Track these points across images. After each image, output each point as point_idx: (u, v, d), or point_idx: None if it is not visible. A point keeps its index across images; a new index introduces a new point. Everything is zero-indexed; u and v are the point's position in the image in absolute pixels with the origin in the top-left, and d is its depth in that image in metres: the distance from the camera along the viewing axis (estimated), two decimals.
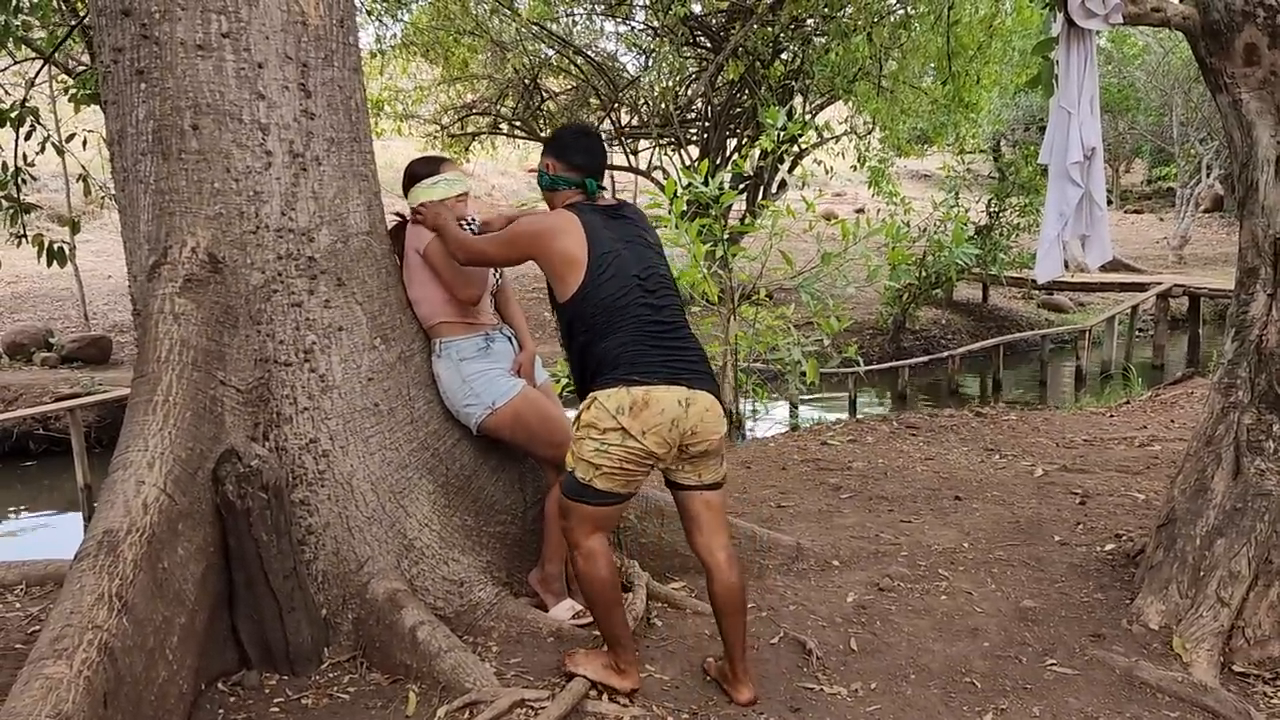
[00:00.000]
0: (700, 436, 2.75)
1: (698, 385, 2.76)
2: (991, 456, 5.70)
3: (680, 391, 2.73)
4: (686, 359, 2.80)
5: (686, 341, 2.84)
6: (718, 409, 2.81)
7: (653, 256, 2.91)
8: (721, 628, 2.86)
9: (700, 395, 2.75)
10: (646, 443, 2.70)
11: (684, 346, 2.82)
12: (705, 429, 2.75)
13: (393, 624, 2.96)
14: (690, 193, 6.66)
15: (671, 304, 2.87)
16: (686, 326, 2.89)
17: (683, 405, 2.72)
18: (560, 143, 3.02)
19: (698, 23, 13.24)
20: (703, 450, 2.79)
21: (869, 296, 13.60)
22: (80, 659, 2.16)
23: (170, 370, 2.76)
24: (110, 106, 2.98)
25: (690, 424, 2.72)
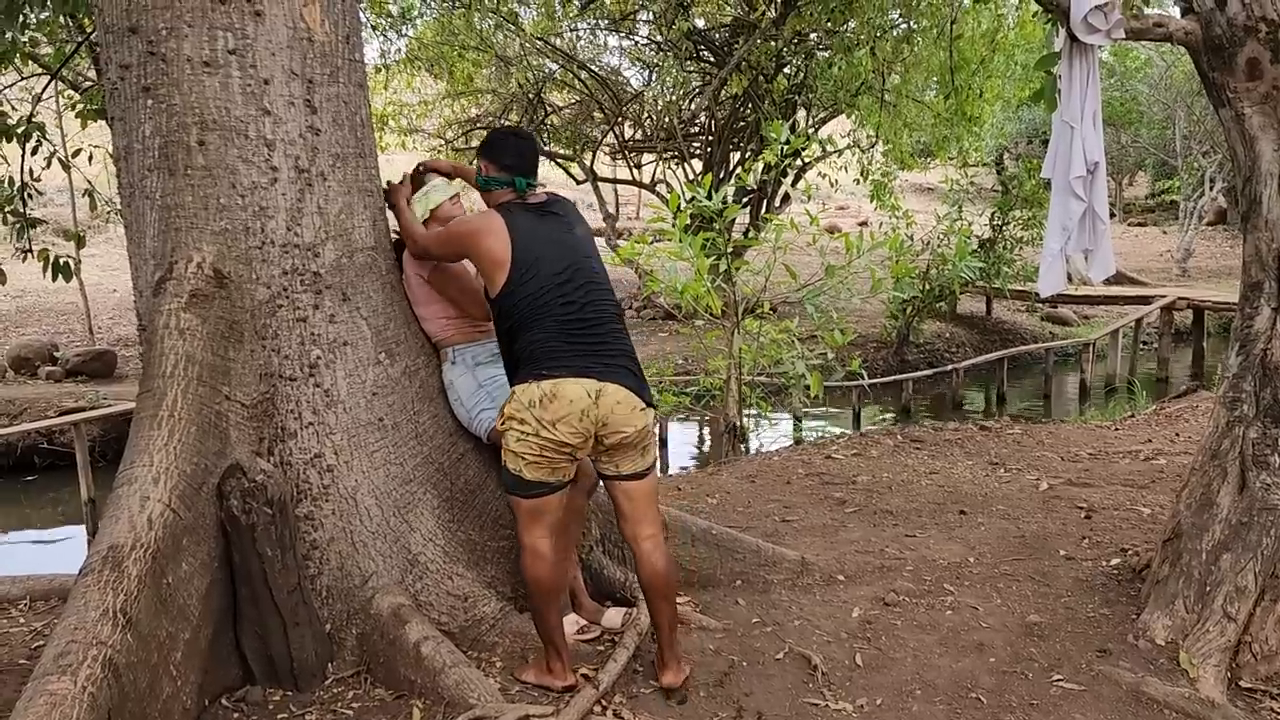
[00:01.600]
0: (612, 427, 2.87)
1: (609, 378, 2.86)
2: (996, 470, 5.68)
3: (589, 384, 2.84)
4: (602, 353, 2.90)
5: (607, 337, 2.94)
6: (632, 402, 2.89)
7: (578, 254, 2.99)
8: (650, 610, 3.02)
9: (611, 388, 2.86)
10: (559, 433, 2.83)
11: (602, 341, 2.92)
12: (616, 420, 2.86)
13: (397, 639, 2.95)
14: (694, 206, 6.67)
15: (595, 300, 2.97)
16: (613, 322, 2.99)
17: (591, 397, 2.83)
18: (490, 145, 3.15)
19: (701, 37, 13.30)
20: (618, 442, 2.91)
21: (873, 310, 13.60)
22: (84, 675, 2.16)
23: (175, 385, 2.76)
24: (117, 123, 2.99)
25: (600, 414, 2.84)
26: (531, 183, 3.07)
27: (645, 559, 2.98)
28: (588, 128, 15.82)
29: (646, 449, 2.98)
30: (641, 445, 2.96)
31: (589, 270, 2.99)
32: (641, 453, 2.97)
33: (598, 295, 2.97)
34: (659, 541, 3.00)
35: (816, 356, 7.07)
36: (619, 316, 3.04)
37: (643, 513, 3.00)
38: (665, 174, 15.69)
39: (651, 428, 2.98)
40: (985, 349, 13.49)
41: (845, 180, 15.42)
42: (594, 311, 2.94)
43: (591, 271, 2.99)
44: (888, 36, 11.45)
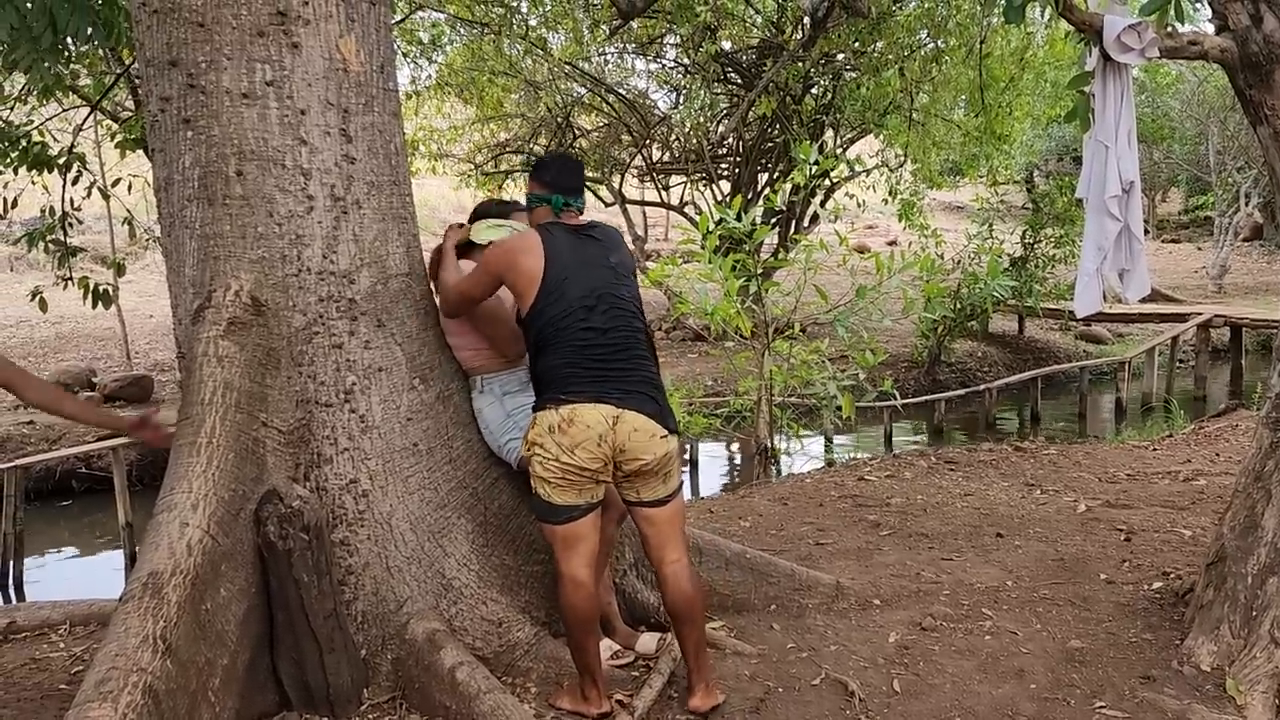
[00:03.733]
0: (630, 454, 2.87)
1: (628, 405, 2.87)
2: (1032, 492, 5.61)
3: (607, 410, 2.85)
4: (622, 380, 2.90)
5: (629, 363, 2.94)
6: (651, 428, 2.89)
7: (609, 278, 3.00)
8: (677, 635, 3.03)
9: (630, 415, 2.86)
10: (578, 458, 2.85)
11: (625, 368, 2.93)
12: (635, 447, 2.86)
13: (432, 664, 2.95)
14: (723, 228, 6.68)
15: (618, 326, 2.97)
16: (637, 349, 2.99)
17: (609, 423, 2.84)
18: (537, 164, 3.24)
19: (728, 59, 13.35)
20: (637, 469, 2.91)
21: (904, 330, 13.52)
22: (125, 702, 2.18)
23: (214, 412, 2.79)
24: (157, 154, 3.05)
25: (618, 441, 2.85)
26: (570, 202, 3.09)
27: (670, 583, 2.98)
28: (616, 150, 15.90)
29: (669, 475, 2.98)
30: (664, 472, 2.96)
31: (616, 296, 2.99)
32: (663, 479, 2.97)
33: (622, 322, 2.97)
34: (684, 566, 3.00)
35: (848, 377, 7.03)
36: (646, 344, 3.03)
37: (666, 538, 3.00)
38: (693, 196, 15.73)
39: (677, 455, 2.97)
40: (1018, 368, 13.35)
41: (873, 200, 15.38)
42: (617, 338, 2.95)
43: (618, 298, 2.99)
44: (916, 56, 11.44)
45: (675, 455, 2.97)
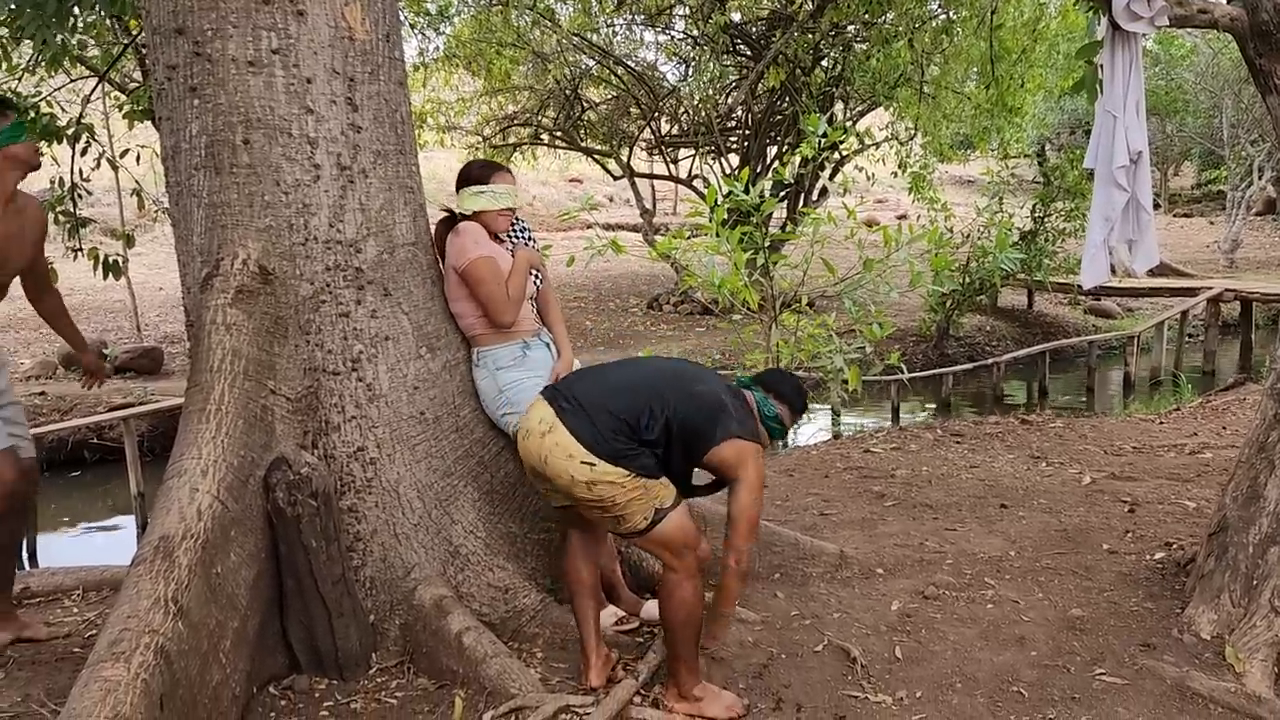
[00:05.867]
0: (548, 469, 2.72)
1: (567, 419, 2.72)
2: (1038, 464, 5.63)
3: (545, 411, 2.76)
4: (587, 395, 2.76)
5: (614, 384, 2.81)
6: (570, 452, 2.68)
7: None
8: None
9: (560, 430, 2.70)
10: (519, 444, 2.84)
11: (604, 385, 2.80)
12: (551, 466, 2.71)
13: (439, 630, 3.00)
14: (731, 201, 6.66)
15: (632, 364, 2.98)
16: (640, 376, 2.86)
17: (540, 425, 2.75)
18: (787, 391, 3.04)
19: (738, 31, 13.25)
20: (550, 487, 2.80)
21: (912, 303, 13.49)
22: (137, 662, 2.22)
23: (223, 379, 2.82)
24: (164, 123, 3.06)
25: (537, 449, 2.74)
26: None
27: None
28: (624, 123, 15.83)
29: (617, 517, 2.73)
30: (586, 503, 2.73)
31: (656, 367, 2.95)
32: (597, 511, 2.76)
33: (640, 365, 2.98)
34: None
35: (855, 350, 7.03)
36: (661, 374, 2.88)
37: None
38: (702, 169, 15.66)
39: (611, 491, 2.68)
40: (1027, 342, 13.31)
41: (883, 173, 15.30)
42: (625, 362, 2.98)
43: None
44: (926, 27, 11.34)
45: (607, 492, 2.69)
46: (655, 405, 2.74)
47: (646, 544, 2.80)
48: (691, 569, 2.76)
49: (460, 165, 3.54)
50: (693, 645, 2.81)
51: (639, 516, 2.72)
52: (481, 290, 3.25)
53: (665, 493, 2.75)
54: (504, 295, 3.25)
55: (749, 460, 2.74)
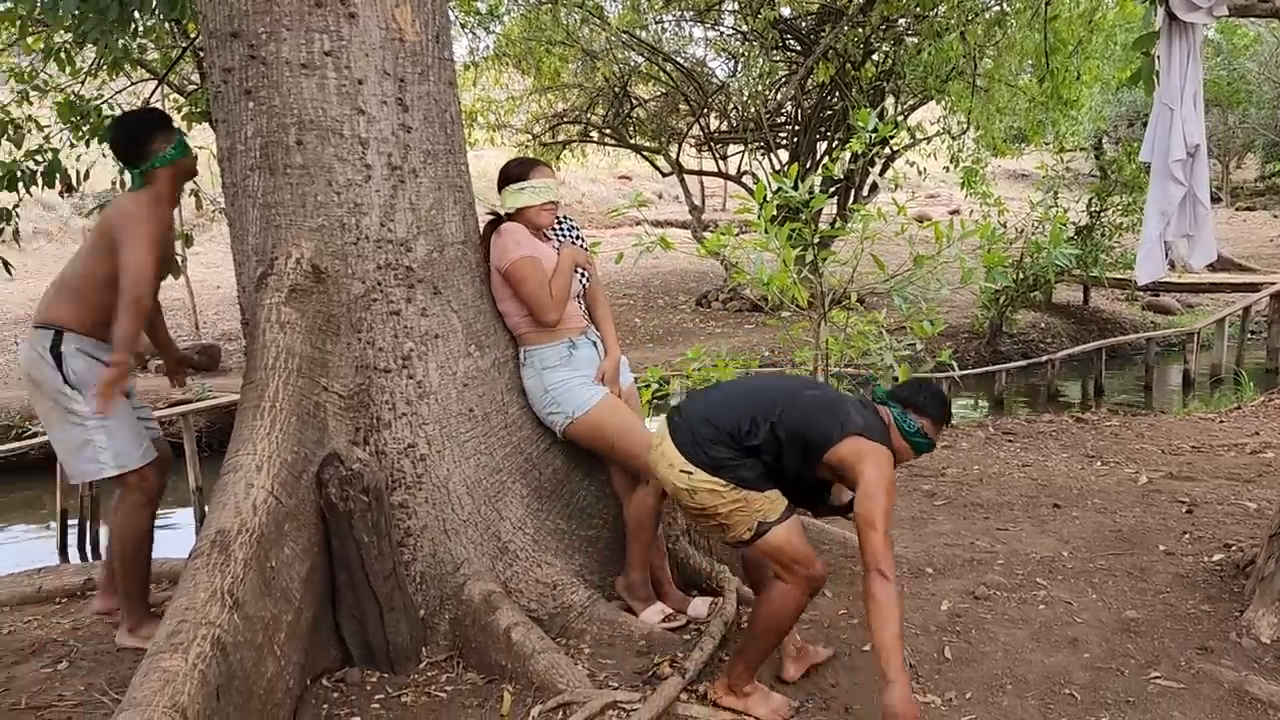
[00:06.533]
0: (660, 479, 2.83)
1: (673, 432, 2.76)
2: (1093, 463, 5.53)
3: (661, 426, 2.83)
4: (693, 408, 2.80)
5: (721, 397, 2.84)
6: (671, 461, 2.72)
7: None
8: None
9: (666, 441, 2.76)
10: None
11: (710, 399, 2.84)
12: (660, 477, 2.81)
13: (488, 625, 3.03)
14: (780, 197, 6.62)
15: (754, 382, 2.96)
16: (750, 388, 2.87)
17: (655, 439, 2.83)
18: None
19: (787, 26, 13.17)
20: (677, 504, 2.84)
21: (964, 300, 13.31)
22: (195, 653, 2.27)
23: (277, 377, 2.88)
24: (220, 125, 3.12)
25: (653, 462, 2.83)
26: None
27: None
28: (673, 120, 15.81)
29: (721, 525, 2.74)
30: (695, 511, 2.75)
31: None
32: (707, 523, 2.77)
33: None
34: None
35: (905, 347, 6.96)
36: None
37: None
38: (751, 165, 15.59)
39: (706, 504, 2.70)
40: (1082, 339, 13.07)
41: (935, 168, 15.10)
42: (740, 380, 3.01)
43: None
44: (979, 20, 11.17)
45: (707, 500, 2.70)
46: (759, 414, 2.72)
47: (755, 554, 2.79)
48: (800, 584, 2.71)
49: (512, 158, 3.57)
50: (766, 651, 2.80)
51: (742, 527, 2.71)
52: (524, 290, 3.28)
53: (769, 506, 2.70)
54: (547, 294, 3.27)
55: (869, 458, 2.64)
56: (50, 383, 3.11)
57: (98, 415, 3.08)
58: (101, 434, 3.14)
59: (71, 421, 3.14)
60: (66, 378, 3.11)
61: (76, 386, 3.11)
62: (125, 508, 3.25)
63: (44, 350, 3.11)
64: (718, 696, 2.83)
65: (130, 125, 3.28)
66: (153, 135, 3.20)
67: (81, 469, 3.20)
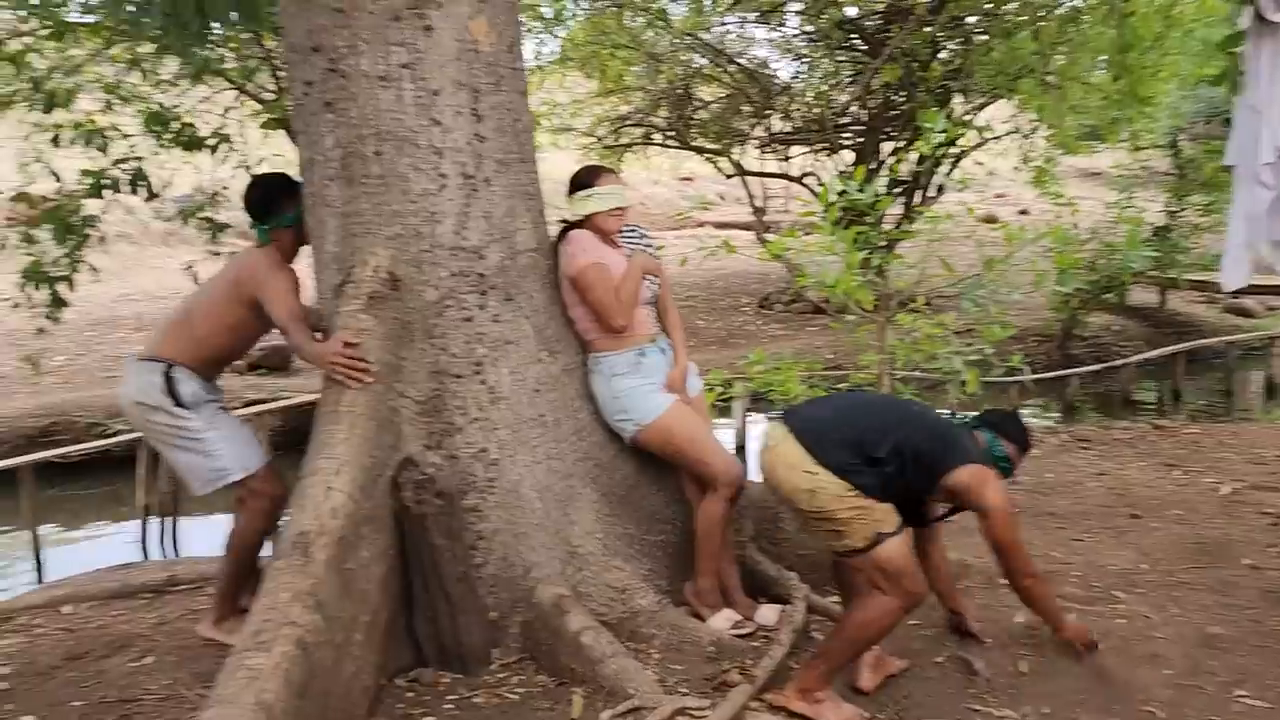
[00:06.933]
0: (775, 480, 2.81)
1: (795, 433, 2.77)
2: (1171, 472, 5.38)
3: (776, 429, 2.84)
4: (817, 412, 2.88)
5: (845, 405, 2.97)
6: (793, 461, 2.73)
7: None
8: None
9: (788, 441, 2.76)
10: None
11: (834, 405, 2.94)
12: (777, 477, 2.80)
13: (558, 628, 3.05)
14: (845, 200, 6.56)
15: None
16: (871, 400, 3.10)
17: (769, 441, 2.84)
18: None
19: (852, 26, 13.04)
20: (791, 507, 2.85)
21: (1034, 302, 13.01)
22: (279, 652, 2.34)
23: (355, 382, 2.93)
24: (301, 136, 3.20)
25: (767, 463, 2.84)
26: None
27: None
28: (736, 121, 15.75)
29: (836, 531, 2.73)
30: (811, 513, 2.74)
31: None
32: (834, 533, 2.75)
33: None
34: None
35: (974, 352, 6.85)
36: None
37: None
38: (814, 166, 15.46)
39: (825, 507, 2.70)
40: (1159, 343, 12.70)
41: (1004, 167, 14.82)
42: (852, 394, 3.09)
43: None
44: (1051, 16, 10.94)
45: (827, 504, 2.70)
46: (883, 428, 2.77)
47: (863, 565, 2.76)
48: (902, 599, 2.72)
49: (574, 166, 3.60)
50: (847, 659, 2.82)
51: (859, 535, 2.70)
52: (591, 296, 3.31)
53: (887, 518, 2.72)
54: (614, 301, 3.29)
55: (990, 485, 2.75)
56: (163, 406, 3.25)
57: (212, 428, 3.26)
58: (220, 444, 3.28)
59: (188, 439, 3.28)
60: (179, 400, 3.25)
61: (189, 406, 3.26)
62: (248, 513, 3.38)
63: (156, 378, 3.25)
64: (788, 701, 2.82)
65: (263, 186, 3.42)
66: (280, 198, 3.35)
67: (207, 480, 3.33)
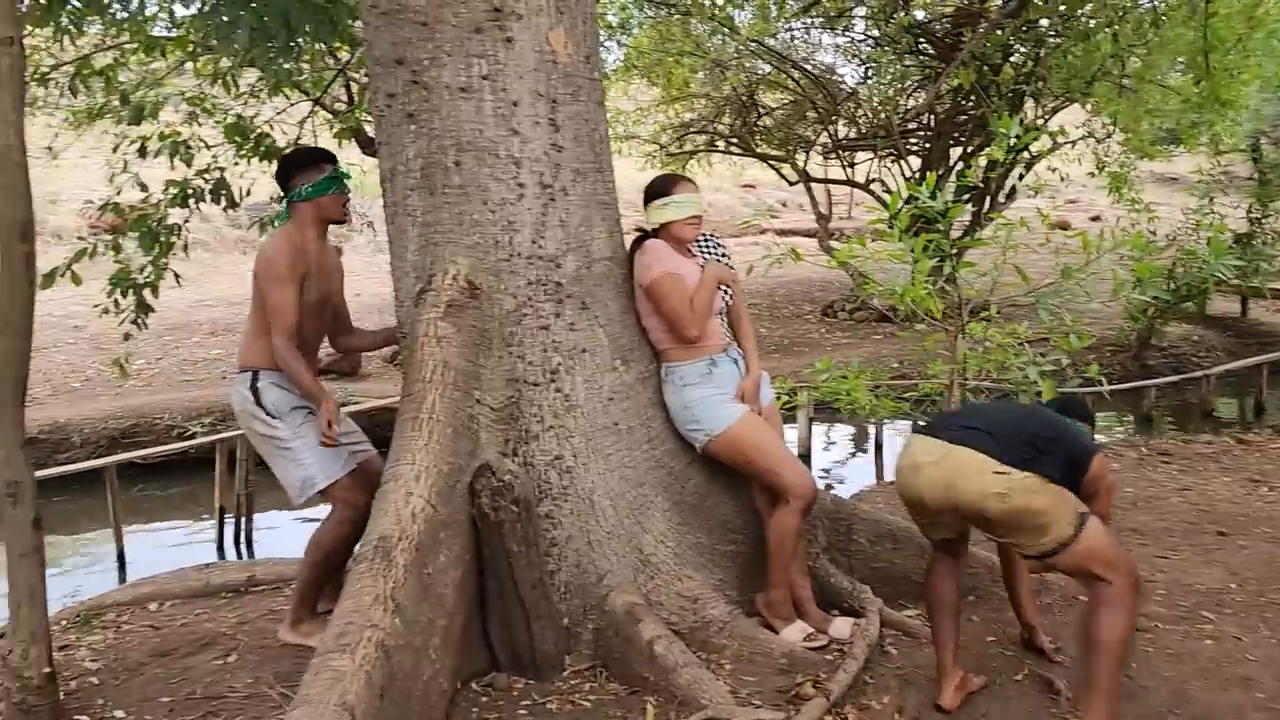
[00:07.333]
0: (954, 493, 2.71)
1: (963, 441, 2.72)
2: (1258, 488, 5.21)
3: (930, 444, 2.80)
4: (972, 419, 2.82)
5: (994, 409, 2.95)
6: (979, 467, 2.64)
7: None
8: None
9: (960, 450, 2.70)
10: (898, 485, 2.91)
11: (984, 411, 2.92)
12: (958, 489, 2.69)
13: (631, 636, 3.06)
14: (915, 207, 6.48)
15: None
16: (1008, 406, 3.04)
17: (928, 457, 2.78)
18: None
19: (921, 30, 12.89)
20: (936, 519, 2.86)
21: (1108, 311, 12.69)
22: (361, 654, 2.37)
23: (434, 390, 2.98)
24: (383, 147, 3.26)
25: (929, 479, 2.75)
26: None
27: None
28: (800, 127, 15.66)
29: (1039, 527, 2.64)
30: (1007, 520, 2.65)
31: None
32: (1018, 529, 2.67)
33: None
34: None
35: (1049, 362, 6.70)
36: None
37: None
38: (880, 172, 15.31)
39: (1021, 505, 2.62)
40: (1240, 353, 12.31)
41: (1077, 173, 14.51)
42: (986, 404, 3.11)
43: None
44: (1129, 17, 10.68)
45: (1023, 500, 2.62)
46: (1036, 426, 2.79)
47: (1074, 560, 2.65)
48: (1128, 581, 2.62)
49: (636, 173, 3.61)
50: (1118, 674, 2.63)
51: (1064, 522, 2.62)
52: (665, 306, 3.31)
53: (1078, 501, 2.70)
54: (687, 311, 3.29)
55: (1105, 470, 2.89)
56: (256, 416, 3.38)
57: (298, 438, 3.35)
58: (306, 451, 3.36)
59: (280, 448, 3.39)
60: (266, 409, 3.36)
61: (275, 415, 3.36)
62: (331, 521, 3.45)
63: (246, 390, 3.38)
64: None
65: (281, 163, 3.53)
66: (294, 171, 3.43)
67: (299, 490, 3.41)
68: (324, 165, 3.44)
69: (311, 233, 3.42)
